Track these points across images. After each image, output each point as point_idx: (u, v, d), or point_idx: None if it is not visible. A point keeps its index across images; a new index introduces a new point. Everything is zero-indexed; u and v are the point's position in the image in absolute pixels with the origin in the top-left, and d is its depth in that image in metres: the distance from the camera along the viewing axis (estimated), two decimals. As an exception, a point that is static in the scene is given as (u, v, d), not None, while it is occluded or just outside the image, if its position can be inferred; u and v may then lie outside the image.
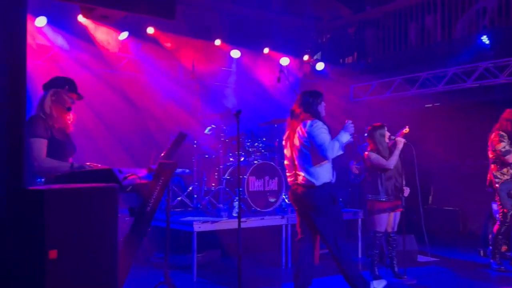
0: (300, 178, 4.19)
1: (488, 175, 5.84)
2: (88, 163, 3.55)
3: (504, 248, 6.40)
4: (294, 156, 4.24)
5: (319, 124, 4.10)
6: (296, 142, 4.21)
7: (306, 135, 4.11)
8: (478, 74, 7.38)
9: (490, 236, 6.02)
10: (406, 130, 5.45)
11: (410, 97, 8.42)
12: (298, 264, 4.33)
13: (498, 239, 5.70)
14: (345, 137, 4.11)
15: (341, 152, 4.10)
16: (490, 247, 5.84)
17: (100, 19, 2.72)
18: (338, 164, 7.26)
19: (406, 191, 5.28)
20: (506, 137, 5.70)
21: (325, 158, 4.07)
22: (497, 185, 5.65)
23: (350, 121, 4.21)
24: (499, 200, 5.67)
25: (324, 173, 4.15)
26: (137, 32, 7.31)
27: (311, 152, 4.13)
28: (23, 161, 2.24)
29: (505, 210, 5.63)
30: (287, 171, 4.40)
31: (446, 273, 5.70)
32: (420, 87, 8.13)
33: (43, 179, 3.42)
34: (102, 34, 6.95)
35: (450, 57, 7.73)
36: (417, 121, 7.27)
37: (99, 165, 3.50)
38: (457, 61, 7.64)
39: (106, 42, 6.98)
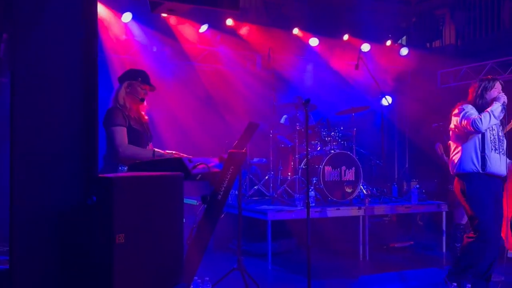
0: None
1: None
2: (166, 151, 3.72)
3: None
4: None
5: (465, 107, 3.97)
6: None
7: (452, 121, 4.06)
8: None
9: None
10: None
11: (503, 82, 7.76)
12: None
13: None
14: (496, 107, 3.90)
15: (495, 122, 3.89)
16: None
17: (168, 13, 2.82)
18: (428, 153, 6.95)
19: None
20: None
21: (478, 131, 3.86)
22: None
23: (502, 93, 4.04)
24: None
25: (463, 162, 3.98)
26: (216, 24, 7.46)
27: (455, 140, 4.08)
28: (96, 150, 2.40)
29: None
30: None
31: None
32: (514, 71, 7.50)
33: (125, 168, 3.61)
34: (183, 27, 7.18)
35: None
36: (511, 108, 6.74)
37: (175, 153, 3.66)
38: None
39: (187, 35, 7.21)
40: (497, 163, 3.93)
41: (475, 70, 8.17)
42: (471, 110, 3.95)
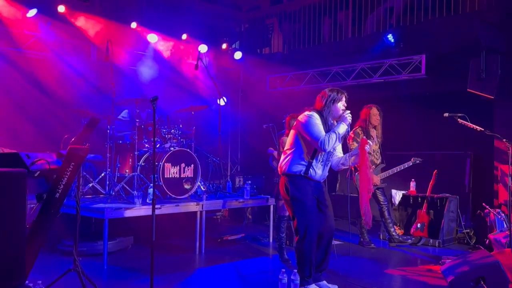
0: None
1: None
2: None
3: (399, 230, 6.98)
4: None
5: (312, 118, 4.14)
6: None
7: (298, 125, 4.26)
8: (383, 70, 7.88)
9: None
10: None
11: (321, 89, 8.68)
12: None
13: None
14: (342, 129, 4.12)
15: (338, 144, 4.21)
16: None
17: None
18: (258, 151, 7.46)
19: None
20: (361, 135, 6.27)
21: (323, 150, 4.14)
22: (356, 174, 6.28)
23: (348, 112, 4.20)
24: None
25: (292, 163, 4.26)
26: (47, 10, 6.93)
27: (292, 141, 4.31)
28: None
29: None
30: None
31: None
32: (331, 81, 8.49)
33: None
34: (9, 10, 6.49)
35: (359, 53, 8.14)
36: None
37: (5, 149, 3.34)
38: (365, 57, 8.08)
39: (13, 19, 6.54)
40: (318, 172, 4.26)
41: (299, 77, 9.04)
42: (319, 125, 4.13)
